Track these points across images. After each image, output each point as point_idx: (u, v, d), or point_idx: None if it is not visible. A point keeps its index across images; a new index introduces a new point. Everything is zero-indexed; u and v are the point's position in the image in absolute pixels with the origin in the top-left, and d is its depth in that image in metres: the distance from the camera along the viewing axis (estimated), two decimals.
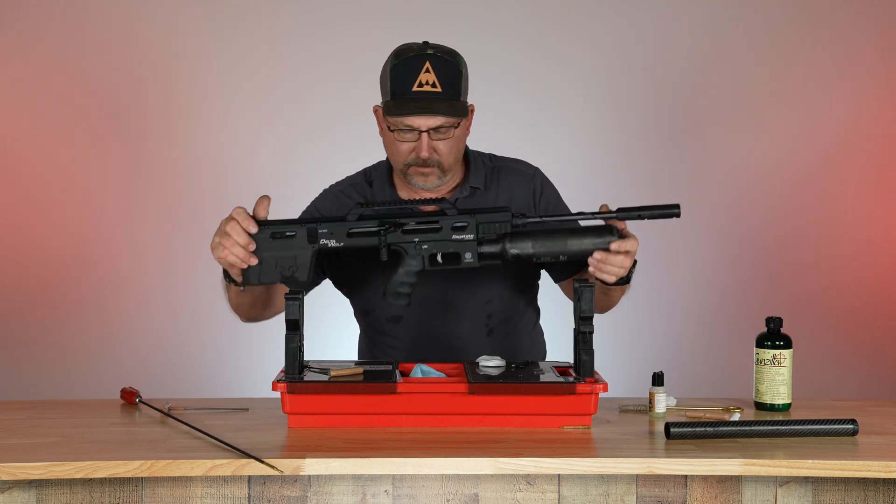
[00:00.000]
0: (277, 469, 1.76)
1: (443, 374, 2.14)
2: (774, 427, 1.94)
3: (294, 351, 2.02)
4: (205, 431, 1.93)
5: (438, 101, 2.16)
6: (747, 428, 1.93)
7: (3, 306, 3.83)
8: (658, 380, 2.14)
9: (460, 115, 2.19)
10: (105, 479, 1.82)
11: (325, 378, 2.01)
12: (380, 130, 2.28)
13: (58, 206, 3.84)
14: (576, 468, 1.80)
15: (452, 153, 2.22)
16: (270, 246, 2.05)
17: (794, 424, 1.95)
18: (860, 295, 3.90)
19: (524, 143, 3.60)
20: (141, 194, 3.86)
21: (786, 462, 1.80)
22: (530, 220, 2.07)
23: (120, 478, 1.81)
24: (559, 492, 1.85)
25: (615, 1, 3.88)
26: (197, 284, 3.79)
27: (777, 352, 2.17)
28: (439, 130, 2.18)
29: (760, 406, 2.19)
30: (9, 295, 3.83)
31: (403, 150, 2.21)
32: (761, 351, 2.19)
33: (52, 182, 3.83)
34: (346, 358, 2.32)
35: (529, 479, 1.85)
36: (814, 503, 1.87)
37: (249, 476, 1.83)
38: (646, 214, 2.03)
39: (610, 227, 2.05)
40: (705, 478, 1.86)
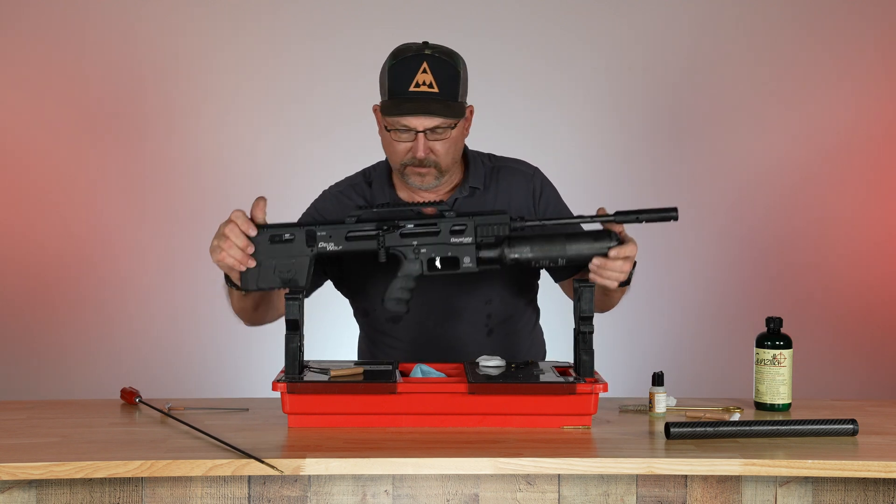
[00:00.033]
0: (277, 469, 1.76)
1: (443, 374, 2.14)
2: (774, 427, 1.94)
3: (294, 351, 2.02)
4: (205, 431, 1.93)
5: (435, 102, 2.16)
6: (747, 428, 1.93)
7: (3, 306, 3.83)
8: (658, 380, 2.14)
9: (457, 116, 2.18)
10: (105, 479, 1.82)
11: (325, 378, 2.01)
12: (378, 130, 2.28)
13: (58, 206, 3.83)
14: (576, 468, 1.80)
15: (450, 154, 2.22)
16: (269, 249, 2.05)
17: (794, 424, 1.95)
18: (860, 295, 3.90)
19: (524, 143, 3.60)
20: (141, 194, 3.86)
21: (786, 462, 1.80)
22: (528, 223, 2.07)
23: (120, 478, 1.81)
24: (559, 492, 1.85)
25: (615, 1, 3.87)
26: (197, 284, 3.79)
27: (777, 352, 2.17)
28: (436, 131, 2.18)
29: (760, 406, 2.19)
30: (9, 295, 3.83)
31: (400, 150, 2.21)
32: (761, 351, 2.19)
33: (52, 182, 3.83)
34: (346, 358, 2.32)
35: (529, 479, 1.85)
36: (814, 503, 1.87)
37: (249, 476, 1.83)
38: (644, 218, 2.04)
39: (609, 232, 2.06)
40: (705, 478, 1.86)
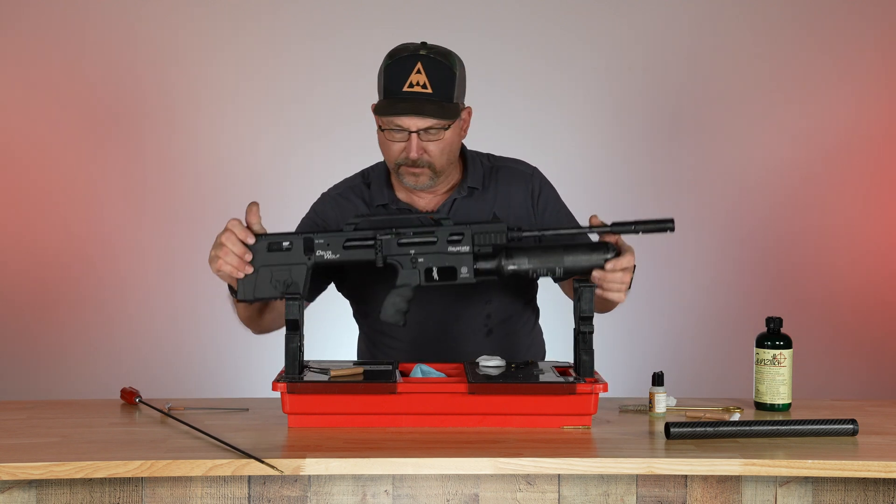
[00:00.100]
0: (277, 469, 1.76)
1: (443, 374, 2.14)
2: (774, 427, 1.94)
3: (294, 351, 2.02)
4: (205, 431, 1.93)
5: (428, 103, 2.16)
6: (747, 428, 1.93)
7: (3, 306, 3.83)
8: (658, 380, 2.14)
9: (450, 117, 2.18)
10: (105, 479, 1.82)
11: (325, 378, 2.01)
12: (377, 129, 2.28)
13: (58, 206, 3.83)
14: (576, 468, 1.80)
15: (444, 155, 2.22)
16: (267, 258, 2.06)
17: (794, 424, 1.95)
18: (860, 295, 3.90)
19: (524, 143, 3.60)
20: (141, 194, 3.86)
21: (786, 462, 1.80)
22: (526, 233, 2.07)
23: (120, 478, 1.81)
24: (559, 492, 1.85)
25: (615, 1, 3.87)
26: (197, 284, 3.79)
27: (777, 352, 2.17)
28: (429, 132, 2.18)
29: (760, 406, 2.19)
30: (9, 295, 3.83)
31: (394, 149, 2.21)
32: (761, 351, 2.19)
33: (52, 182, 3.83)
34: (346, 358, 2.32)
35: (529, 479, 1.85)
36: (814, 503, 1.87)
37: (249, 476, 1.83)
38: (640, 228, 2.06)
39: (606, 244, 2.06)
40: (705, 478, 1.86)
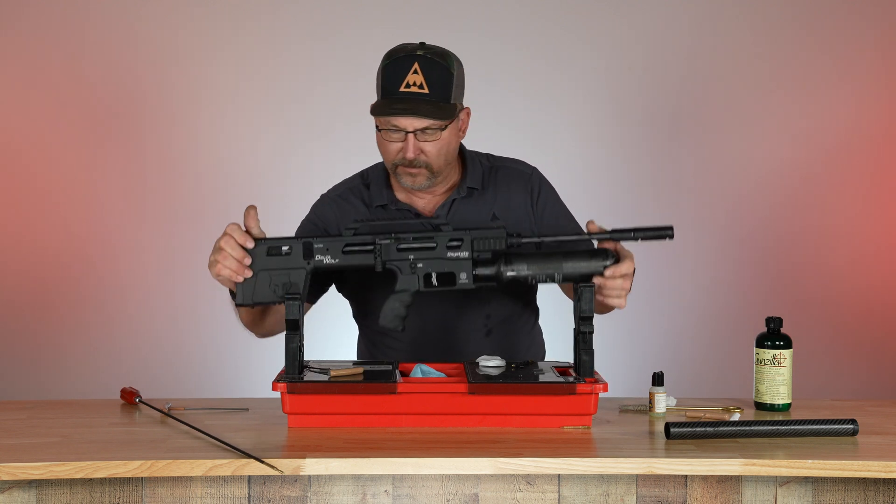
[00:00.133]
0: (277, 469, 1.76)
1: (443, 374, 2.14)
2: (774, 427, 1.94)
3: (294, 351, 2.02)
4: (205, 431, 1.93)
5: (424, 103, 2.16)
6: (747, 428, 1.93)
7: (3, 306, 3.83)
8: (658, 380, 2.14)
9: (447, 118, 2.18)
10: (105, 479, 1.82)
11: (325, 378, 2.01)
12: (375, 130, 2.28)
13: (58, 206, 3.83)
14: (576, 468, 1.80)
15: (441, 155, 2.22)
16: (266, 262, 2.06)
17: (794, 424, 1.95)
18: (860, 295, 3.90)
19: (524, 143, 3.60)
20: (141, 194, 3.86)
21: (786, 462, 1.80)
22: (525, 239, 2.08)
23: (120, 478, 1.81)
24: (559, 492, 1.85)
25: (615, 1, 3.87)
26: (197, 284, 3.78)
27: (777, 352, 2.17)
28: (426, 132, 2.18)
29: (760, 406, 2.19)
30: (9, 295, 3.83)
31: (391, 150, 2.21)
32: (761, 351, 2.19)
33: (52, 182, 3.83)
34: (346, 358, 2.32)
35: (529, 479, 1.85)
36: (814, 503, 1.87)
37: (249, 476, 1.83)
38: (639, 235, 2.06)
39: (605, 250, 2.07)
40: (705, 478, 1.86)
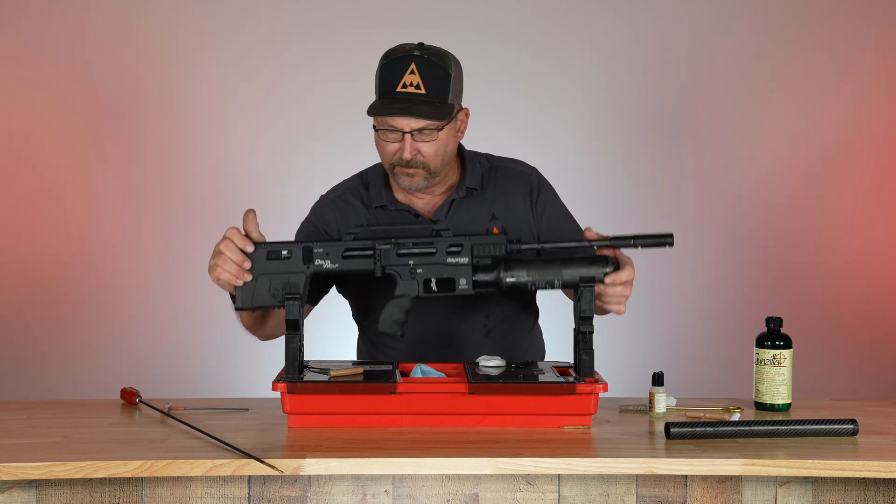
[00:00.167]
0: (277, 469, 1.76)
1: (443, 374, 2.14)
2: (774, 427, 1.94)
3: (294, 351, 2.02)
4: (205, 431, 1.93)
5: (421, 104, 2.16)
6: (747, 428, 1.93)
7: (4, 306, 3.83)
8: (658, 380, 2.14)
9: (443, 118, 2.18)
10: (105, 479, 1.82)
11: (325, 378, 2.01)
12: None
13: (58, 206, 3.83)
14: (576, 468, 1.80)
15: (438, 156, 2.22)
16: (266, 266, 2.06)
17: (794, 424, 1.95)
18: (860, 295, 3.90)
19: (524, 144, 3.60)
20: (141, 194, 3.86)
21: (786, 462, 1.80)
22: (525, 245, 2.08)
23: (120, 478, 1.81)
24: (559, 492, 1.85)
25: (615, 1, 3.87)
26: (197, 284, 3.78)
27: (777, 352, 2.17)
28: (423, 132, 2.18)
29: (760, 406, 2.19)
30: (9, 295, 3.83)
31: (389, 150, 2.22)
32: (761, 351, 2.19)
33: (52, 182, 3.83)
34: (346, 358, 2.32)
35: (529, 479, 1.85)
36: (814, 503, 1.87)
37: (249, 476, 1.83)
38: (639, 243, 2.07)
39: (605, 257, 2.07)
40: (705, 478, 1.86)
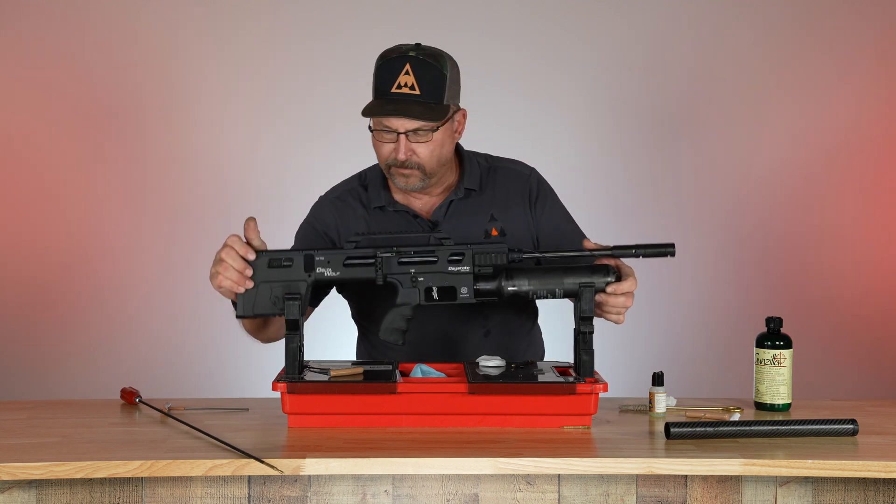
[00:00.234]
0: (277, 469, 1.76)
1: (443, 374, 2.14)
2: (774, 427, 1.94)
3: (294, 351, 2.02)
4: (205, 431, 1.93)
5: (415, 104, 2.16)
6: (747, 428, 1.93)
7: (3, 306, 3.83)
8: (658, 380, 2.14)
9: (438, 119, 2.17)
10: (105, 479, 1.82)
11: (325, 378, 2.01)
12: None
13: (58, 206, 3.83)
14: (576, 468, 1.80)
15: (434, 156, 2.21)
16: (267, 274, 2.06)
17: (794, 424, 1.95)
18: (860, 295, 3.90)
19: (524, 144, 3.60)
20: (141, 194, 3.86)
21: (786, 462, 1.80)
22: (527, 254, 2.08)
23: (120, 478, 1.81)
24: (559, 492, 1.85)
25: (615, 1, 3.87)
26: (197, 284, 3.77)
27: (777, 352, 2.17)
28: (417, 133, 2.18)
29: (760, 406, 2.19)
30: (9, 295, 3.83)
31: (384, 150, 2.22)
32: (761, 351, 2.19)
33: (52, 182, 3.83)
34: (346, 358, 2.32)
35: (529, 479, 1.85)
36: (814, 503, 1.87)
37: (249, 476, 1.83)
38: (640, 252, 2.07)
39: (606, 266, 2.07)
40: (705, 478, 1.86)
